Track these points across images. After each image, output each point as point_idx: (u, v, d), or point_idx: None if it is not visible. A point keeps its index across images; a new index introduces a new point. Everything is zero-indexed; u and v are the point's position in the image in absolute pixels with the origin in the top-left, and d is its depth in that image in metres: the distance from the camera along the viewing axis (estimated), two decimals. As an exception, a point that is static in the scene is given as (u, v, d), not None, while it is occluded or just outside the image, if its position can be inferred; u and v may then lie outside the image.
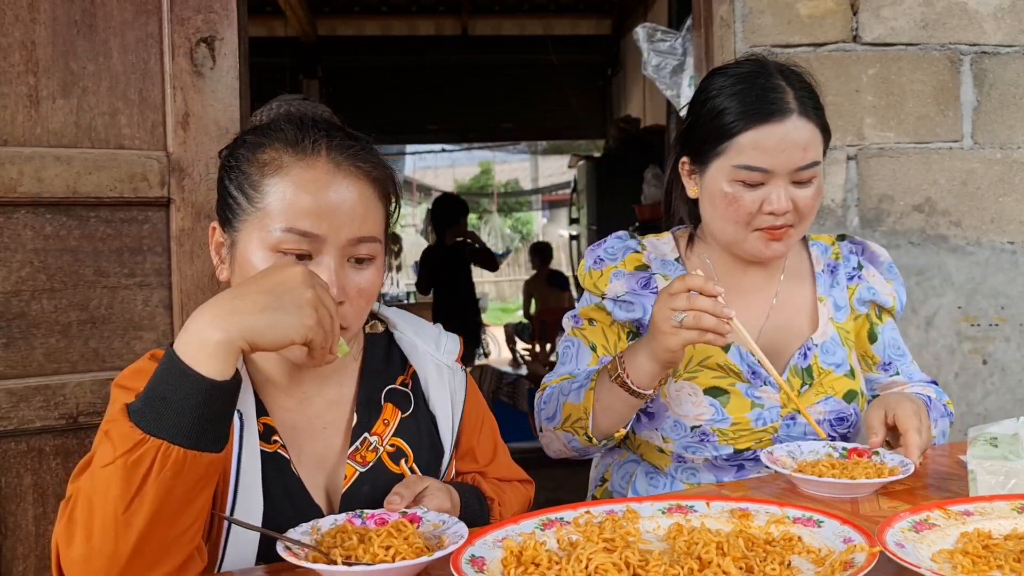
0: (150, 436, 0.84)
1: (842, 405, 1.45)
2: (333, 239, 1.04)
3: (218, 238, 1.12)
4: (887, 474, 1.16)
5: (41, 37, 1.65)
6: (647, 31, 2.63)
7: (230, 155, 1.12)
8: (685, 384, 1.42)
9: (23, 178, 1.62)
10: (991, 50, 2.23)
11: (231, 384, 0.89)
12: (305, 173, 1.05)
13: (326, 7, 7.09)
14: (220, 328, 0.88)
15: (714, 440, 1.41)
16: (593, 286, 1.52)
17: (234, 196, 1.08)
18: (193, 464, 0.86)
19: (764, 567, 0.85)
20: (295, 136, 1.08)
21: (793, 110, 1.36)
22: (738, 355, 1.43)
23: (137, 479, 0.84)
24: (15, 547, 1.64)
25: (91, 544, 0.86)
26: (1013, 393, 2.24)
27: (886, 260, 1.58)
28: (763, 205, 1.37)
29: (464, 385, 1.27)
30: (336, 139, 1.09)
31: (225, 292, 0.93)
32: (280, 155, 1.07)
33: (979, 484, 1.12)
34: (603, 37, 7.77)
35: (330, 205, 1.04)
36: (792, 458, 1.27)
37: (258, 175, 1.06)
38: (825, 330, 1.49)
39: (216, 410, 0.88)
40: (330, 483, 1.14)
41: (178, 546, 0.90)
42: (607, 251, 1.54)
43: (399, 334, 1.26)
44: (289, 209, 1.03)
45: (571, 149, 10.67)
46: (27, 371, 1.65)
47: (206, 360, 0.87)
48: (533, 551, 0.88)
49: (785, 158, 1.35)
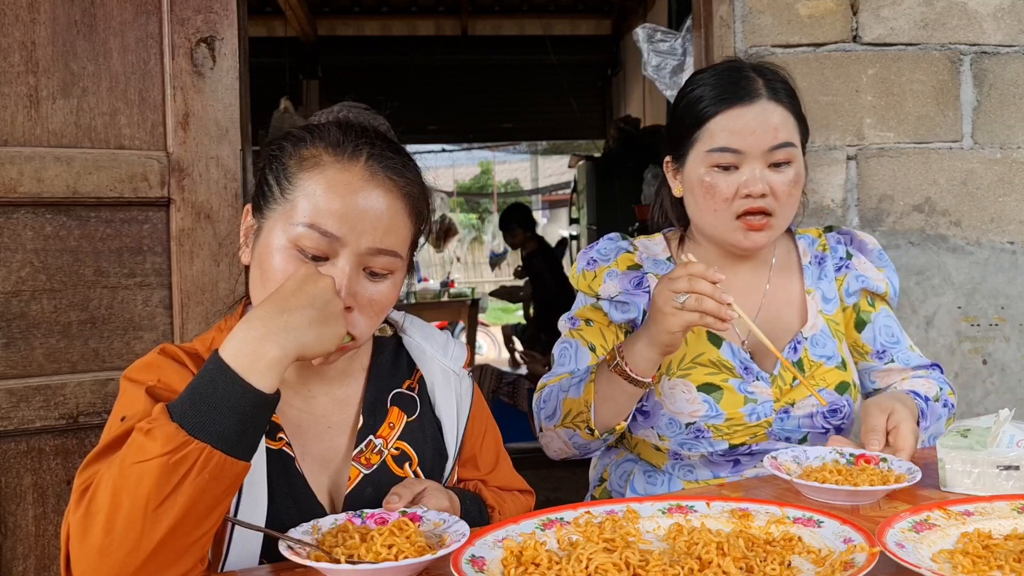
0: (195, 439, 0.86)
1: (834, 397, 1.45)
2: (352, 244, 1.05)
3: (249, 221, 1.13)
4: (893, 481, 1.14)
5: (41, 37, 1.65)
6: (647, 31, 2.63)
7: (274, 145, 1.13)
8: (679, 381, 1.43)
9: (23, 178, 1.62)
10: (991, 50, 2.23)
11: (275, 397, 0.92)
12: (339, 175, 1.06)
13: (326, 7, 7.08)
14: (276, 344, 0.91)
15: (709, 436, 1.42)
16: (587, 287, 1.53)
17: (269, 184, 1.10)
18: (229, 470, 0.88)
19: (764, 567, 0.85)
20: (338, 138, 1.09)
21: (763, 95, 1.41)
22: (730, 351, 1.45)
23: (176, 478, 0.85)
24: (15, 547, 1.64)
25: (111, 537, 0.86)
26: (1013, 393, 2.24)
27: (875, 248, 1.59)
28: (739, 189, 1.40)
29: (470, 392, 1.27)
30: (379, 149, 1.10)
31: (270, 306, 0.95)
32: (320, 154, 1.08)
33: (947, 472, 1.18)
34: (603, 37, 7.76)
35: (356, 210, 1.05)
36: (797, 463, 1.24)
37: (295, 168, 1.08)
38: (815, 323, 1.50)
39: (259, 420, 0.91)
40: (333, 483, 1.14)
41: (193, 550, 0.91)
42: (599, 252, 1.56)
43: (408, 338, 1.26)
44: (316, 206, 1.05)
45: (571, 149, 10.68)
46: (27, 371, 1.65)
47: (261, 373, 0.90)
48: (533, 551, 0.88)
49: (756, 139, 1.39)
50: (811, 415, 1.44)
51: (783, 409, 1.44)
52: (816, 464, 1.24)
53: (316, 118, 1.18)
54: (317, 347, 0.95)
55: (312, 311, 0.94)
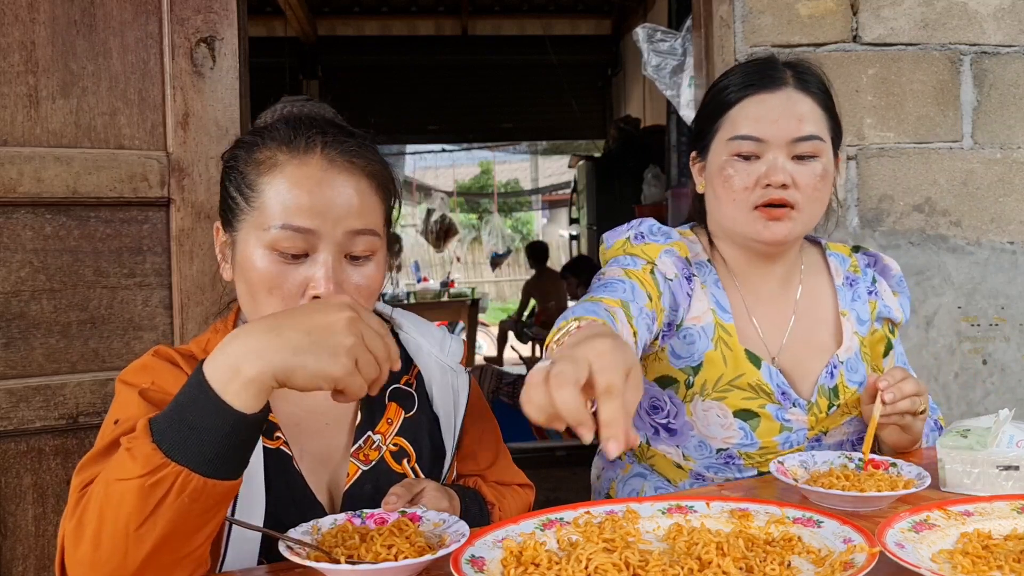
0: (172, 461, 0.83)
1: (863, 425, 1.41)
2: (329, 234, 1.04)
3: (222, 238, 1.13)
4: (902, 487, 1.12)
5: (41, 37, 1.65)
6: (647, 32, 2.63)
7: (230, 157, 1.13)
8: (714, 404, 1.35)
9: (23, 178, 1.62)
10: (991, 50, 2.23)
11: (259, 416, 0.87)
12: (299, 170, 1.05)
13: (326, 7, 7.09)
14: (253, 363, 0.84)
15: (740, 463, 1.37)
16: (641, 252, 1.40)
17: (233, 197, 1.09)
18: (212, 491, 0.85)
19: (764, 567, 0.85)
20: (289, 135, 1.08)
21: (789, 84, 1.35)
22: (768, 373, 1.37)
23: (153, 501, 0.83)
24: (15, 547, 1.64)
25: (98, 553, 0.86)
26: (1013, 393, 2.24)
27: (897, 274, 1.54)
28: (760, 179, 1.33)
29: (467, 387, 1.26)
30: (331, 136, 1.09)
31: (262, 322, 0.88)
32: (275, 154, 1.07)
33: (947, 473, 1.18)
34: (603, 37, 7.77)
35: (324, 201, 1.04)
36: (805, 468, 1.22)
37: (254, 174, 1.07)
38: (850, 345, 1.44)
39: (241, 441, 0.86)
40: (332, 481, 1.14)
41: (186, 562, 0.90)
42: (650, 229, 1.44)
43: (404, 334, 1.26)
44: (284, 206, 1.04)
45: (571, 149, 10.68)
46: (27, 371, 1.65)
47: (237, 392, 0.84)
48: (533, 551, 0.88)
49: (778, 127, 1.32)
50: (841, 443, 1.41)
51: (816, 437, 1.39)
52: (823, 469, 1.22)
53: (262, 120, 1.16)
54: (301, 376, 0.85)
55: (305, 338, 0.85)
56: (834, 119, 1.40)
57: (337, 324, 0.87)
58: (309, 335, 0.86)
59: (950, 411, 2.21)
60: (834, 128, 1.39)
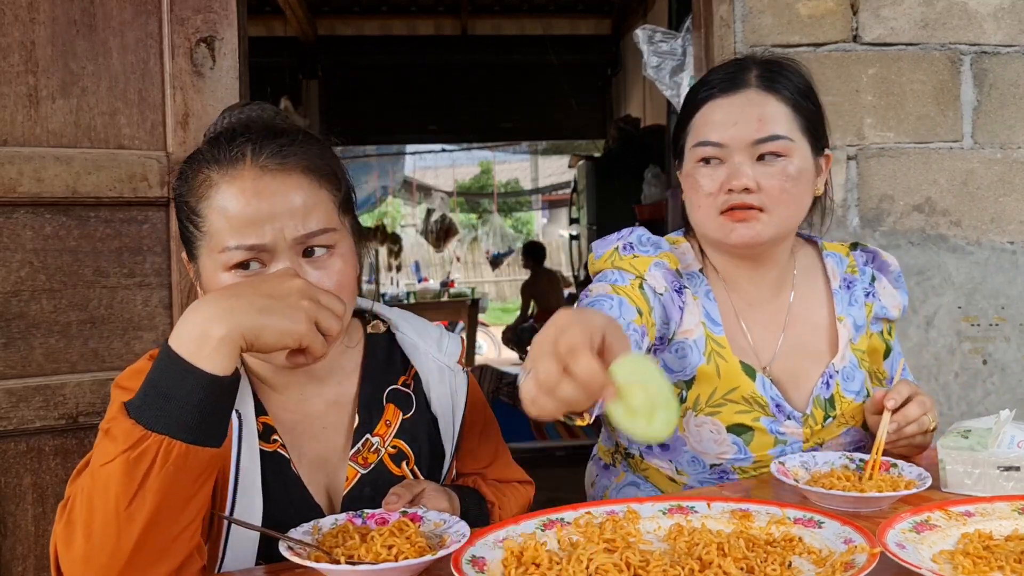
0: (152, 432, 0.84)
1: (861, 434, 1.40)
2: (280, 243, 1.02)
3: (192, 269, 1.11)
4: (903, 487, 1.12)
5: (40, 37, 1.65)
6: (647, 32, 2.63)
7: (175, 191, 1.11)
8: (707, 420, 1.34)
9: (23, 178, 1.62)
10: (991, 50, 2.23)
11: (231, 379, 0.89)
12: (232, 186, 1.03)
13: (326, 7, 7.08)
14: (220, 324, 0.87)
15: (734, 477, 1.36)
16: (630, 266, 1.38)
17: (185, 226, 1.08)
18: (195, 459, 0.86)
19: (765, 568, 0.85)
20: (214, 152, 1.05)
21: (751, 85, 1.33)
22: (763, 385, 1.36)
23: (139, 475, 0.84)
24: (14, 547, 1.64)
25: (92, 542, 0.86)
26: (1013, 393, 2.24)
27: (896, 270, 1.51)
28: (723, 184, 1.31)
29: (465, 386, 1.26)
30: (255, 140, 1.05)
31: (220, 291, 0.93)
32: (208, 175, 1.05)
33: (948, 473, 1.18)
34: (603, 37, 7.76)
35: (264, 211, 1.01)
36: (806, 469, 1.22)
37: (195, 200, 1.05)
38: (844, 353, 1.41)
39: (217, 405, 0.88)
40: (331, 483, 1.14)
41: (178, 544, 0.90)
42: (639, 239, 1.42)
43: (401, 334, 1.25)
44: (228, 225, 1.02)
45: (571, 149, 10.67)
46: (27, 371, 1.64)
47: (208, 356, 0.87)
48: (534, 551, 0.88)
49: (738, 130, 1.30)
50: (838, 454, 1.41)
51: (811, 450, 1.36)
52: (824, 470, 1.22)
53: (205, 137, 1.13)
54: (266, 335, 0.89)
55: (263, 300, 0.90)
56: (810, 117, 1.36)
57: (292, 287, 0.93)
58: (268, 296, 0.91)
59: (950, 411, 2.20)
60: (811, 126, 1.35)
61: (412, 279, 10.37)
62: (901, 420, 1.27)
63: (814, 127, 1.36)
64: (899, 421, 1.26)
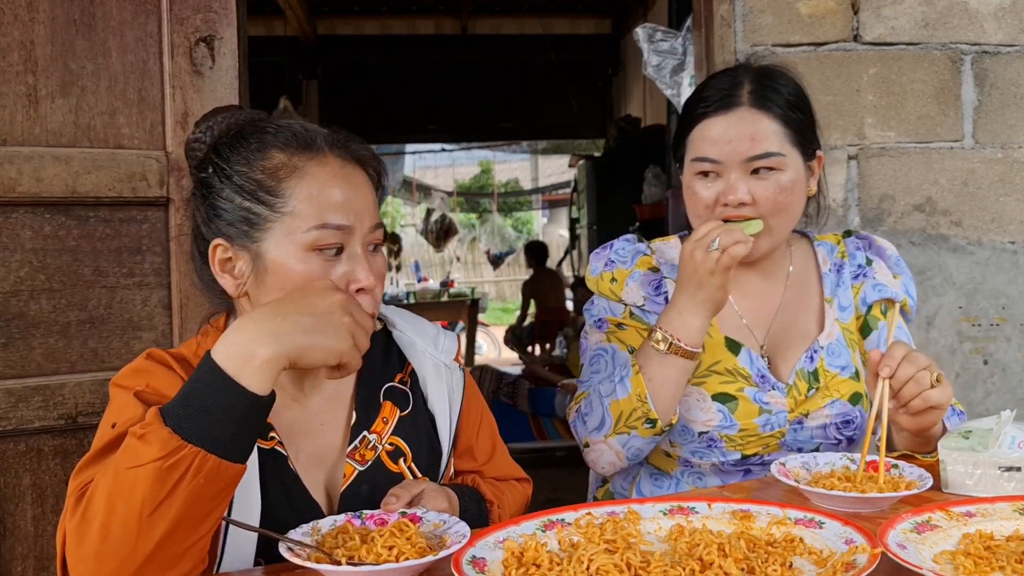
0: (188, 443, 0.85)
1: (847, 408, 1.43)
2: (359, 229, 1.08)
3: (223, 255, 1.09)
4: (904, 488, 1.11)
5: (40, 36, 1.65)
6: (647, 31, 2.63)
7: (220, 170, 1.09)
8: (693, 389, 1.41)
9: (22, 178, 1.62)
10: (992, 50, 2.23)
11: (269, 399, 0.91)
12: (321, 170, 1.08)
13: (326, 7, 7.08)
14: (267, 345, 0.90)
15: (721, 446, 1.41)
16: (610, 292, 1.50)
17: (247, 208, 1.06)
18: (224, 473, 0.88)
19: (766, 568, 0.85)
20: (304, 138, 1.09)
21: (743, 103, 1.39)
22: (748, 358, 1.43)
23: (170, 483, 0.85)
24: (14, 547, 1.64)
25: (107, 543, 0.86)
26: (1014, 393, 2.24)
27: (893, 254, 1.56)
28: (719, 197, 1.39)
29: (462, 384, 1.26)
30: (332, 134, 1.12)
31: (266, 309, 0.95)
32: (290, 158, 1.08)
33: (949, 474, 1.18)
34: (603, 37, 7.76)
35: (352, 196, 1.08)
36: (807, 470, 1.22)
37: (273, 182, 1.06)
38: (831, 331, 1.48)
39: (253, 423, 0.91)
40: (329, 481, 1.14)
41: (191, 553, 0.91)
42: (617, 253, 1.53)
43: (397, 332, 1.26)
44: (319, 206, 1.06)
45: (571, 149, 10.68)
46: (26, 371, 1.64)
47: (252, 374, 0.89)
48: (534, 552, 0.88)
49: (731, 148, 1.38)
50: (824, 426, 1.42)
51: (797, 420, 1.41)
52: (825, 471, 1.21)
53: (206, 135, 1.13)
54: (311, 355, 0.93)
55: (308, 319, 0.93)
56: (800, 128, 1.41)
57: (335, 305, 0.96)
58: (312, 315, 0.94)
59: (951, 411, 2.20)
60: (800, 137, 1.41)
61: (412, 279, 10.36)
62: (895, 384, 1.23)
63: (804, 136, 1.43)
64: (894, 386, 1.23)
